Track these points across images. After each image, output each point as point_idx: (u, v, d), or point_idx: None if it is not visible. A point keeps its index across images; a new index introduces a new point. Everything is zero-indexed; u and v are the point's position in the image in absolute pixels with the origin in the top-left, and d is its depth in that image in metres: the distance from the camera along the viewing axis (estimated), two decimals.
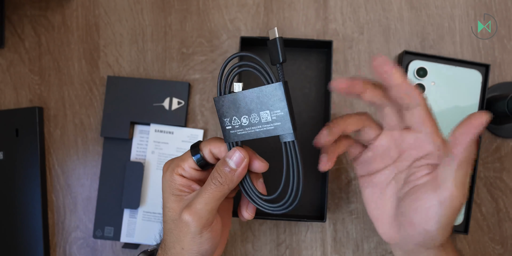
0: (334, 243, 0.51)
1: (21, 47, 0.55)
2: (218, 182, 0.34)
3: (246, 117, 0.34)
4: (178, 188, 0.36)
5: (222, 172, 0.34)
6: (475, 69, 0.50)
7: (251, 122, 0.34)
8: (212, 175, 0.35)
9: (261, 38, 0.50)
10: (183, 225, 0.34)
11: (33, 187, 0.52)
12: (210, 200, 0.34)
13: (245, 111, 0.34)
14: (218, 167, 0.35)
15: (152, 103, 0.52)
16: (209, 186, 0.34)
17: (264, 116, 0.33)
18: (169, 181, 0.37)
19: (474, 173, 0.49)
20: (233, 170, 0.34)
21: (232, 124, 0.35)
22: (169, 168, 0.37)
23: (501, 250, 0.51)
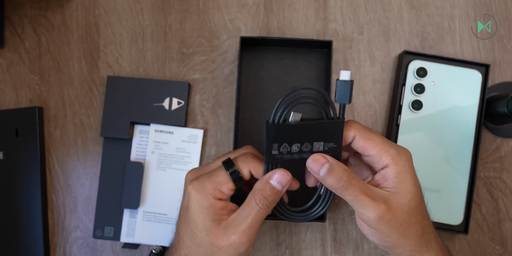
0: (334, 243, 0.51)
1: (21, 47, 0.55)
2: (265, 205, 0.35)
3: (298, 145, 0.34)
4: (217, 212, 0.35)
5: (268, 194, 0.35)
6: (475, 69, 0.50)
7: (302, 150, 0.35)
8: (256, 198, 0.35)
9: (261, 38, 0.50)
10: (232, 248, 0.35)
11: (33, 187, 0.52)
12: (256, 222, 0.35)
13: (298, 140, 0.34)
14: (264, 191, 0.35)
15: (152, 103, 0.52)
16: (254, 208, 0.35)
17: (317, 146, 0.34)
18: (206, 207, 0.35)
19: (474, 173, 0.49)
20: (279, 192, 0.35)
21: (280, 150, 0.34)
22: (202, 192, 0.35)
23: (501, 250, 0.51)
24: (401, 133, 0.50)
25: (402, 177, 0.34)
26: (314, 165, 0.34)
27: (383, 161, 0.34)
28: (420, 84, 0.50)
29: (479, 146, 0.49)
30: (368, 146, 0.34)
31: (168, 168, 0.52)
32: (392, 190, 0.34)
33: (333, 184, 0.33)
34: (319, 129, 0.34)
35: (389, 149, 0.34)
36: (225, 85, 0.53)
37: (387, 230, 0.34)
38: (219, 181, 0.36)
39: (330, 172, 0.33)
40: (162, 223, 0.51)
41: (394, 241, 0.34)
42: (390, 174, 0.34)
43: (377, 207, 0.33)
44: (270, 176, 0.35)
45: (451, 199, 0.49)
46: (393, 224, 0.33)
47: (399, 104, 0.50)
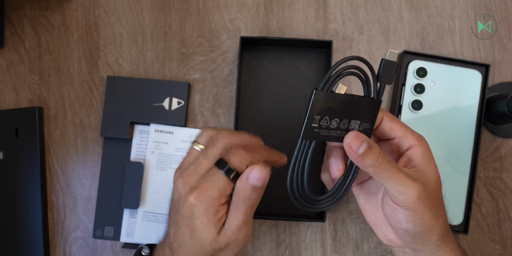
0: (334, 243, 0.51)
1: (21, 47, 0.55)
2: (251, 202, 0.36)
3: (337, 120, 0.34)
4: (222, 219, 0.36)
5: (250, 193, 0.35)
6: (475, 69, 0.50)
7: (339, 126, 0.34)
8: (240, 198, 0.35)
9: (261, 38, 0.50)
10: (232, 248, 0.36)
11: (33, 187, 0.52)
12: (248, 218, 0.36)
13: (339, 115, 0.33)
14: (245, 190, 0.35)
15: (152, 103, 0.52)
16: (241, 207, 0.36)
17: (353, 125, 0.34)
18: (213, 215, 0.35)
19: (474, 173, 0.49)
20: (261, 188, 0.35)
21: (320, 123, 0.33)
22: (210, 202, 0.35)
23: (501, 250, 0.51)
24: None
25: (426, 157, 0.35)
26: (354, 141, 0.33)
27: (409, 142, 0.35)
28: (420, 84, 0.50)
29: (479, 146, 0.49)
30: (395, 127, 0.35)
31: (168, 168, 0.52)
32: (420, 169, 0.34)
33: (372, 162, 0.32)
34: (359, 107, 0.33)
35: (412, 131, 0.35)
36: (225, 85, 0.53)
37: (424, 209, 0.33)
38: (221, 186, 0.35)
39: (369, 149, 0.32)
40: (162, 223, 0.51)
41: (428, 223, 0.34)
42: (416, 154, 0.35)
43: (415, 184, 0.32)
44: (247, 175, 0.35)
45: (451, 199, 0.49)
46: (428, 202, 0.33)
47: (399, 104, 0.50)
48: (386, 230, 0.38)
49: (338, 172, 0.36)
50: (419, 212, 0.33)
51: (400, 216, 0.34)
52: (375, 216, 0.38)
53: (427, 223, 0.34)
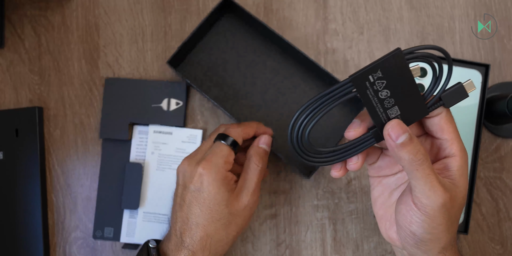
0: (334, 243, 0.51)
1: (21, 47, 0.55)
2: (263, 164, 0.42)
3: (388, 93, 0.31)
4: (230, 183, 0.40)
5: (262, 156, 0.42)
6: (475, 69, 0.50)
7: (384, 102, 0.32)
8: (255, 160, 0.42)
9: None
10: (247, 209, 0.40)
11: (33, 187, 0.52)
12: (260, 181, 0.42)
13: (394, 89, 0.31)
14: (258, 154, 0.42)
15: (151, 104, 0.52)
16: (256, 169, 0.41)
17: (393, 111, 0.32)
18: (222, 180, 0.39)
19: (474, 173, 0.49)
20: (268, 152, 0.43)
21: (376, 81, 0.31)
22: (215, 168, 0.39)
23: (501, 250, 0.51)
24: None
25: (462, 171, 0.33)
26: (394, 130, 0.31)
27: (452, 149, 0.33)
28: (420, 84, 0.50)
29: (479, 146, 0.49)
30: (446, 128, 0.33)
31: (168, 169, 0.52)
32: (453, 182, 0.32)
33: (410, 156, 0.30)
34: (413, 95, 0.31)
35: (460, 140, 0.33)
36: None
37: (441, 220, 0.32)
38: (225, 154, 0.40)
39: (410, 141, 0.31)
40: (163, 223, 0.51)
41: (438, 234, 0.33)
42: (454, 165, 0.33)
43: (444, 193, 0.31)
44: (258, 141, 0.43)
45: None
46: (447, 215, 0.32)
47: None
48: (390, 228, 0.37)
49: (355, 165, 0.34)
50: (435, 221, 0.32)
51: (414, 218, 0.32)
52: (384, 211, 0.37)
53: (437, 233, 0.33)
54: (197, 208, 0.39)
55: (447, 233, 0.33)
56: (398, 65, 0.30)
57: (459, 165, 0.33)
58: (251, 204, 0.41)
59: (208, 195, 0.39)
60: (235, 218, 0.40)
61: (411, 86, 0.31)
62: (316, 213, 0.52)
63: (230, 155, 0.41)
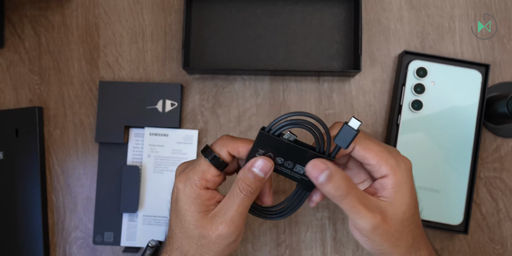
0: (334, 243, 0.51)
1: (21, 47, 0.55)
2: (249, 192, 0.35)
3: (282, 159, 0.35)
4: (204, 203, 0.36)
5: (251, 182, 0.35)
6: (475, 69, 0.50)
7: (284, 165, 0.36)
8: (240, 185, 0.35)
9: None
10: (220, 238, 0.35)
11: (33, 187, 0.52)
12: (243, 210, 0.35)
13: (283, 155, 0.35)
14: (246, 178, 0.35)
15: (145, 106, 0.52)
16: (238, 196, 0.35)
17: (298, 169, 0.36)
18: (193, 199, 0.35)
19: (474, 173, 0.49)
20: (262, 179, 0.35)
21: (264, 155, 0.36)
22: (189, 184, 0.36)
23: (501, 250, 0.51)
24: (401, 133, 0.50)
25: (399, 187, 0.34)
26: (314, 170, 0.33)
27: (382, 171, 0.34)
28: (420, 84, 0.50)
29: (479, 146, 0.49)
30: (368, 156, 0.34)
31: (166, 171, 0.52)
32: (389, 200, 0.34)
33: (332, 192, 0.33)
34: (306, 157, 0.34)
35: (388, 159, 0.34)
36: (225, 85, 0.53)
37: (379, 240, 0.34)
38: (202, 169, 0.36)
39: (329, 179, 0.33)
40: (163, 226, 0.51)
41: (385, 250, 0.35)
42: (388, 184, 0.34)
43: (373, 218, 0.33)
44: (252, 163, 0.35)
45: (451, 199, 0.49)
46: (385, 234, 0.34)
47: (399, 104, 0.50)
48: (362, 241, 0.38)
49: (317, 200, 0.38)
50: (375, 241, 0.34)
51: (357, 237, 0.35)
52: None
53: (383, 250, 0.35)
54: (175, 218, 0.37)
55: (396, 248, 0.35)
56: (269, 141, 0.34)
57: (393, 183, 0.34)
58: (227, 234, 0.35)
59: (180, 209, 0.36)
60: (209, 243, 0.35)
61: (297, 149, 0.34)
62: (316, 213, 0.52)
63: (208, 172, 0.36)
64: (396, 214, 0.34)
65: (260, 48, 0.53)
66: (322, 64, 0.53)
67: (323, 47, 0.53)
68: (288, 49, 0.53)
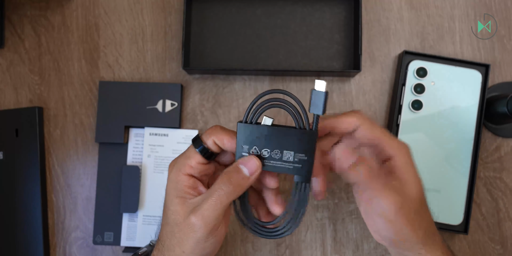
0: (334, 243, 0.51)
1: (21, 47, 0.55)
2: (229, 189, 0.33)
3: (268, 150, 0.34)
4: (183, 189, 0.35)
5: (234, 178, 0.34)
6: (475, 69, 0.50)
7: (272, 156, 0.34)
8: (222, 180, 0.34)
9: None
10: (189, 229, 0.34)
11: (33, 187, 0.52)
12: (218, 206, 0.33)
13: (268, 145, 0.34)
14: (230, 174, 0.34)
15: (145, 106, 0.52)
16: (218, 191, 0.33)
17: (287, 156, 0.34)
18: (174, 183, 0.35)
19: (474, 173, 0.49)
20: (246, 178, 0.34)
21: (249, 152, 0.35)
22: (174, 168, 0.36)
23: (501, 250, 0.51)
24: (401, 133, 0.50)
25: (408, 167, 0.35)
26: (345, 155, 0.34)
27: (388, 152, 0.35)
28: (420, 84, 0.50)
29: (479, 146, 0.49)
30: (372, 136, 0.35)
31: (166, 171, 0.52)
32: (402, 181, 0.34)
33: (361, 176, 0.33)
34: (290, 137, 0.34)
35: (390, 140, 0.35)
36: (225, 85, 0.53)
37: (402, 222, 0.34)
38: (188, 155, 0.36)
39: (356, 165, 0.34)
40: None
41: (406, 235, 0.34)
42: (397, 165, 0.34)
43: (398, 197, 0.33)
44: (240, 160, 0.35)
45: (451, 199, 0.49)
46: (408, 215, 0.34)
47: (399, 104, 0.50)
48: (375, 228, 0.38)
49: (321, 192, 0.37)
50: (397, 226, 0.34)
51: (379, 226, 0.35)
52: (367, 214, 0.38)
53: (405, 235, 0.34)
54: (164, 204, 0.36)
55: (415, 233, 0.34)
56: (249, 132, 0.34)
57: (401, 163, 0.34)
58: (195, 226, 0.33)
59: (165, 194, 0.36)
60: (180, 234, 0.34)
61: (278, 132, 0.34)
62: (316, 213, 0.52)
63: (193, 158, 0.35)
64: (412, 193, 0.34)
65: (260, 48, 0.53)
66: (322, 64, 0.53)
67: (323, 47, 0.53)
68: (288, 49, 0.53)
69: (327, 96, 0.33)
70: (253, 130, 0.34)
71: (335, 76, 0.53)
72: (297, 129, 0.33)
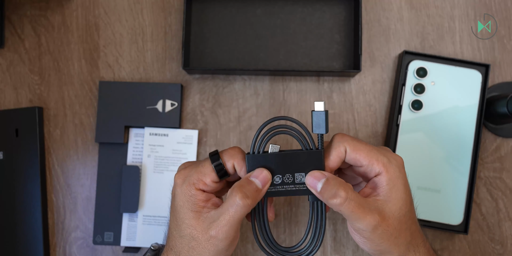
0: (334, 243, 0.51)
1: (21, 47, 0.55)
2: (245, 201, 0.34)
3: (280, 176, 0.35)
4: (198, 204, 0.35)
5: (247, 190, 0.34)
6: (475, 69, 0.50)
7: (284, 181, 0.35)
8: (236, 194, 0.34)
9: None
10: (209, 243, 0.34)
11: (33, 187, 0.52)
12: (236, 219, 0.34)
13: (279, 171, 0.35)
14: (243, 187, 0.34)
15: (145, 106, 0.52)
16: (234, 205, 0.34)
17: (299, 178, 0.35)
18: (188, 196, 0.35)
19: (474, 173, 0.49)
20: (259, 190, 0.35)
21: None
22: (187, 181, 0.36)
23: (501, 250, 0.51)
24: (401, 133, 0.50)
25: (393, 183, 0.35)
26: (312, 180, 0.35)
27: (375, 169, 0.35)
28: (420, 84, 0.50)
29: (479, 146, 0.49)
30: (359, 157, 0.35)
31: (166, 171, 0.52)
32: (384, 197, 0.35)
33: (330, 199, 0.34)
34: (299, 160, 0.35)
35: (378, 157, 0.35)
36: (225, 85, 0.53)
37: (379, 240, 0.34)
38: (204, 171, 0.36)
39: (326, 186, 0.34)
40: (163, 225, 0.51)
41: (385, 249, 0.35)
42: (382, 181, 0.35)
43: (372, 220, 0.33)
44: (251, 173, 0.35)
45: (451, 199, 0.49)
46: (385, 234, 0.34)
47: (399, 104, 0.50)
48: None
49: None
50: (374, 242, 0.34)
51: (357, 240, 0.36)
52: None
53: (383, 249, 0.35)
54: (172, 214, 0.37)
55: (396, 246, 0.35)
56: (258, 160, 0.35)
57: (387, 180, 0.35)
58: (216, 240, 0.34)
59: (176, 205, 0.36)
60: (198, 246, 0.35)
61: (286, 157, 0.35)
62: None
63: (209, 176, 0.36)
64: (393, 211, 0.34)
65: (260, 48, 0.53)
66: (322, 64, 0.53)
67: (323, 47, 0.53)
68: (288, 49, 0.53)
69: (327, 115, 0.34)
70: (263, 160, 0.35)
71: (335, 76, 0.53)
72: (304, 151, 0.34)
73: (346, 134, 0.36)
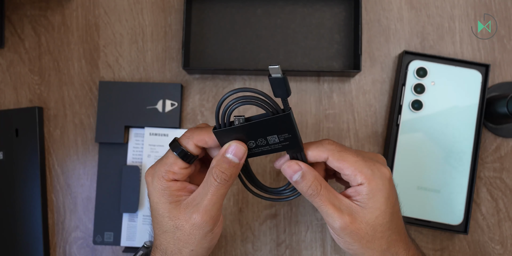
0: (334, 243, 0.51)
1: (21, 47, 0.55)
2: (223, 180, 0.34)
3: (253, 141, 0.35)
4: (175, 194, 0.35)
5: (224, 168, 0.34)
6: (475, 69, 0.50)
7: (258, 144, 0.35)
8: (214, 173, 0.34)
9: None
10: (194, 228, 0.34)
11: (33, 187, 0.52)
12: (218, 198, 0.34)
13: (251, 137, 0.35)
14: (220, 165, 0.34)
15: (145, 106, 0.52)
16: (212, 184, 0.34)
17: (272, 139, 0.35)
18: (161, 190, 0.35)
19: (474, 173, 0.49)
20: (237, 165, 0.35)
21: None
22: (156, 177, 0.36)
23: (501, 250, 0.51)
24: (401, 133, 0.50)
25: (373, 194, 0.35)
26: (288, 170, 0.36)
27: (357, 180, 0.35)
28: (420, 84, 0.50)
29: (479, 146, 0.49)
30: (342, 166, 0.35)
31: None
32: (362, 204, 0.35)
33: (304, 190, 0.35)
34: (268, 125, 0.34)
35: (363, 168, 0.35)
36: (225, 85, 0.53)
37: (350, 240, 0.35)
38: (168, 162, 0.35)
39: (302, 178, 0.35)
40: None
41: (357, 250, 0.36)
42: (363, 191, 0.35)
43: (340, 218, 0.34)
44: (225, 149, 0.35)
45: (451, 199, 0.49)
46: (355, 235, 0.35)
47: (399, 104, 0.50)
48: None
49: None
50: (346, 241, 0.35)
51: (332, 235, 0.37)
52: None
53: (355, 250, 0.36)
54: (152, 214, 0.37)
55: (369, 250, 0.35)
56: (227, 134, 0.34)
57: (368, 190, 0.35)
58: (201, 223, 0.34)
59: (152, 203, 0.36)
60: (184, 235, 0.35)
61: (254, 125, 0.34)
62: (316, 213, 0.52)
63: (175, 164, 0.35)
64: (367, 218, 0.35)
65: (260, 48, 0.53)
66: (322, 64, 0.53)
67: (323, 47, 0.53)
68: (288, 49, 0.53)
69: (285, 80, 0.32)
70: (232, 132, 0.34)
71: (335, 76, 0.53)
72: (272, 116, 0.33)
73: (335, 143, 0.36)
